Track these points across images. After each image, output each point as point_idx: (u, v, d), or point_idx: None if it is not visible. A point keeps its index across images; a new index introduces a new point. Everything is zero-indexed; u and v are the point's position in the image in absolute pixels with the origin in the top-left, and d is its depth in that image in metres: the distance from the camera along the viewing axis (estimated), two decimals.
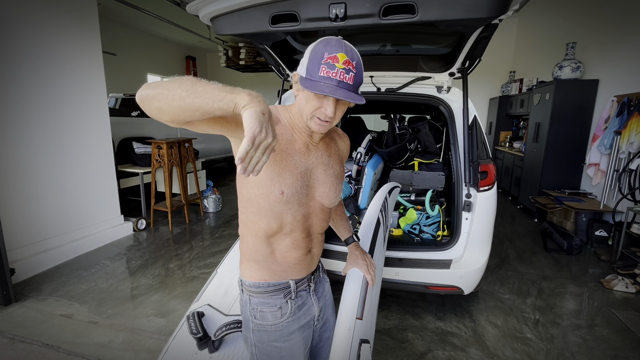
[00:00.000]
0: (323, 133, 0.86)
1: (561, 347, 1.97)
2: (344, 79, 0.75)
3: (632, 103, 3.23)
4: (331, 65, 0.75)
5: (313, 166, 0.90)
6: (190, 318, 1.37)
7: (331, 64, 0.75)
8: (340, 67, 0.75)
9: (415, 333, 2.07)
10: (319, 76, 0.75)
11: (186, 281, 2.68)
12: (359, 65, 0.79)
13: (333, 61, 0.75)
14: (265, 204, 0.85)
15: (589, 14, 4.17)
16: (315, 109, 0.79)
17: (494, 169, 2.03)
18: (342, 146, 1.04)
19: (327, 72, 0.75)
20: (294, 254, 0.91)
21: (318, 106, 0.79)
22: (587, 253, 3.32)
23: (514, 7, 1.21)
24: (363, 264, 1.14)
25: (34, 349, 1.89)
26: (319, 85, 0.74)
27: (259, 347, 0.94)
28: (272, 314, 0.91)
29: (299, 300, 0.95)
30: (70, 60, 3.03)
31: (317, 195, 0.92)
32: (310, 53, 0.79)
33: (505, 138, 5.97)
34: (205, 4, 1.35)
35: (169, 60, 8.50)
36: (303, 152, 0.88)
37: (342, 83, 0.75)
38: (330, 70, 0.75)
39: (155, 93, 0.63)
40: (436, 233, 2.37)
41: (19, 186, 2.69)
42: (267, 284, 0.92)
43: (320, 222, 0.96)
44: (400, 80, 2.23)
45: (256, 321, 0.92)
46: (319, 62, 0.76)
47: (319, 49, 0.77)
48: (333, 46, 0.77)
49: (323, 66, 0.75)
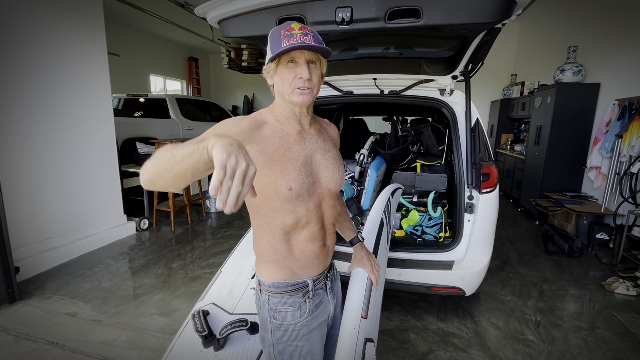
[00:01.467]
0: (308, 104, 0.88)
1: (562, 348, 1.98)
2: (305, 40, 0.80)
3: (633, 107, 3.24)
4: (289, 35, 0.81)
5: (311, 153, 0.92)
6: (196, 316, 1.39)
7: (289, 34, 0.81)
8: (297, 33, 0.81)
9: (417, 334, 2.08)
10: (283, 48, 0.80)
11: (189, 281, 2.70)
12: (314, 31, 0.85)
13: (290, 31, 0.81)
14: (277, 204, 0.87)
15: (591, 18, 4.19)
16: (292, 80, 0.83)
17: (496, 171, 2.04)
18: (332, 132, 1.07)
19: (288, 41, 0.80)
20: (311, 247, 0.93)
21: (293, 76, 0.83)
22: (588, 256, 3.33)
23: (517, 12, 1.23)
24: (368, 264, 1.15)
25: (38, 346, 1.91)
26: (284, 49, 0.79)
27: (278, 347, 0.94)
28: (291, 313, 0.92)
29: (316, 298, 0.97)
30: (76, 60, 3.06)
31: (323, 181, 0.94)
32: (270, 38, 0.84)
33: (507, 141, 5.98)
34: (213, 7, 1.37)
35: (172, 61, 8.54)
36: (298, 142, 0.90)
37: (304, 44, 0.80)
38: (290, 38, 0.80)
39: (151, 175, 0.64)
40: (438, 234, 2.38)
41: (24, 185, 2.72)
42: (287, 284, 0.93)
43: (331, 209, 0.98)
44: (403, 82, 2.25)
45: (275, 321, 0.92)
46: (278, 38, 0.81)
47: (275, 31, 0.84)
48: (285, 25, 0.83)
49: (283, 39, 0.80)
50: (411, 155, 2.67)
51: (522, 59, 6.28)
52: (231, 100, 9.93)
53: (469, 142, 2.00)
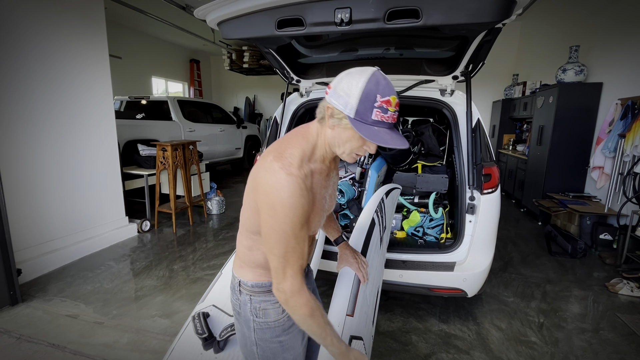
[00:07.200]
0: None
1: (566, 350, 1.96)
2: (394, 121, 0.78)
3: (636, 106, 3.22)
4: (385, 109, 0.76)
5: (331, 191, 0.95)
6: (196, 318, 1.38)
7: (385, 108, 0.76)
8: (392, 111, 0.77)
9: (419, 336, 2.07)
10: (372, 120, 0.76)
11: (190, 282, 2.70)
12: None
13: (387, 105, 0.76)
14: None
15: (593, 17, 4.17)
16: (357, 147, 0.82)
17: (498, 171, 2.03)
18: None
19: (381, 117, 0.76)
20: None
21: (361, 144, 0.81)
22: (592, 256, 3.30)
23: (517, 12, 1.23)
24: (354, 262, 1.17)
25: (40, 348, 1.91)
26: (378, 134, 0.76)
27: (262, 345, 0.96)
28: (274, 310, 0.94)
29: None
30: (77, 63, 3.08)
31: (327, 209, 0.97)
32: (360, 93, 0.75)
33: (509, 141, 5.96)
34: (212, 9, 1.37)
35: (173, 64, 8.58)
36: (325, 186, 0.92)
37: (392, 125, 0.78)
38: (384, 114, 0.76)
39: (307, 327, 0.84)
40: (440, 235, 2.37)
41: (26, 188, 2.73)
42: (270, 283, 0.94)
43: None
44: (404, 83, 2.24)
45: (258, 320, 0.94)
46: (372, 104, 0.75)
47: (371, 90, 0.75)
48: (384, 87, 0.76)
49: (377, 110, 0.75)
50: (412, 156, 2.66)
51: (524, 59, 6.26)
52: (233, 101, 9.97)
53: (470, 143, 1.99)
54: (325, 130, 0.84)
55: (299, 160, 0.81)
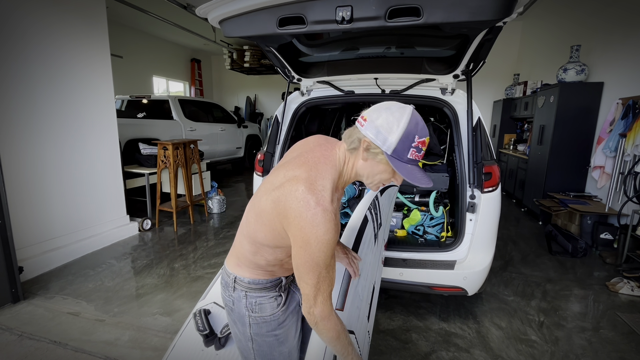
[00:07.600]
0: None
1: (566, 349, 1.96)
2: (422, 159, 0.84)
3: (637, 106, 3.22)
4: (419, 149, 0.82)
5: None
6: (197, 315, 1.39)
7: (420, 148, 0.82)
8: (424, 150, 0.83)
9: (419, 334, 2.08)
10: (407, 158, 0.82)
11: (191, 281, 2.70)
12: None
13: (422, 146, 0.82)
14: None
15: (594, 17, 4.17)
16: (386, 179, 0.88)
17: (498, 170, 2.03)
18: None
19: (415, 156, 0.82)
20: None
21: (390, 177, 0.87)
22: (592, 256, 3.30)
23: (518, 10, 1.23)
24: (344, 257, 1.18)
25: (41, 345, 1.92)
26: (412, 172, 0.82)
27: (258, 340, 0.99)
28: (270, 304, 0.97)
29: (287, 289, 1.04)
30: (79, 62, 3.08)
31: None
32: (402, 133, 0.80)
33: (510, 141, 5.95)
34: (214, 7, 1.38)
35: (174, 63, 8.58)
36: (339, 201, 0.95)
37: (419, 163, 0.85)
38: (418, 153, 0.82)
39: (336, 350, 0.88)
40: (440, 234, 2.37)
41: (27, 186, 2.74)
42: (266, 281, 0.98)
43: None
44: (405, 82, 2.25)
45: (254, 315, 0.96)
46: (410, 144, 0.81)
47: (411, 131, 0.80)
48: (422, 128, 0.82)
49: (413, 150, 0.81)
50: None
51: (525, 58, 6.26)
52: (233, 101, 9.97)
53: (470, 142, 1.99)
54: (357, 160, 0.88)
55: (330, 194, 0.82)
